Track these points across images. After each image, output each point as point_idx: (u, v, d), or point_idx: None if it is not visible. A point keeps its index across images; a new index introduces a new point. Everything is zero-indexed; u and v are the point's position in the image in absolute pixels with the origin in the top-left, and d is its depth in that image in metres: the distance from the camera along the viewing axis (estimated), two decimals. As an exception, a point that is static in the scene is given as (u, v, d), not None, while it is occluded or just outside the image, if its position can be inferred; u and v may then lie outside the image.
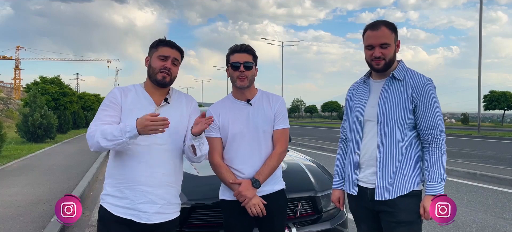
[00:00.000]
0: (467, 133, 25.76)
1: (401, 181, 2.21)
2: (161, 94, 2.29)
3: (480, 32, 24.58)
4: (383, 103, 2.23)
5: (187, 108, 2.34)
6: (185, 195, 2.86)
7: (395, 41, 2.24)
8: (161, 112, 2.20)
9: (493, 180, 8.17)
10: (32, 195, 6.51)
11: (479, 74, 24.48)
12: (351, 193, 2.38)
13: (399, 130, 2.21)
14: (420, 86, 2.19)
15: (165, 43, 2.27)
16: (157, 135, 2.12)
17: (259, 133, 2.46)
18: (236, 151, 2.45)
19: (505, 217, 5.52)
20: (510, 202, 6.46)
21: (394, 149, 2.21)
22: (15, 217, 5.24)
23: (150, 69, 2.26)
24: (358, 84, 2.47)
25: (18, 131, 17.83)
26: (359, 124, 2.33)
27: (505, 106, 46.93)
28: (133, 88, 2.29)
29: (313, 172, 3.37)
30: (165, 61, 2.23)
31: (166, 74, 2.22)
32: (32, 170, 9.27)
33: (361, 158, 2.32)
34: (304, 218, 3.06)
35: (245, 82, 2.43)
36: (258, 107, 2.49)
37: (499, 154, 13.30)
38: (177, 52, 2.28)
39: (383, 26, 2.21)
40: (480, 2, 24.81)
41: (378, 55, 2.21)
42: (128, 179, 2.16)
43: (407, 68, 2.29)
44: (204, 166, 3.35)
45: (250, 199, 2.37)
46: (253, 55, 2.47)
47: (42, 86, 23.82)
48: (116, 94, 2.24)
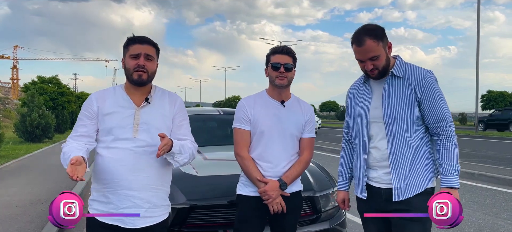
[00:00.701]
0: (465, 132, 25.81)
1: (416, 179, 2.18)
2: (142, 94, 2.20)
3: (478, 33, 24.65)
4: (387, 103, 2.20)
5: (170, 108, 2.26)
6: (184, 195, 2.87)
7: (385, 47, 2.17)
8: (142, 113, 2.15)
9: (491, 180, 8.19)
10: (30, 195, 6.50)
11: (477, 74, 24.55)
12: (361, 197, 2.34)
13: (407, 127, 2.18)
14: (421, 80, 2.15)
15: (135, 40, 2.17)
16: (138, 137, 2.12)
17: (287, 134, 2.51)
18: (263, 148, 2.50)
19: (503, 217, 5.53)
20: (508, 201, 6.48)
21: (405, 147, 2.18)
22: (14, 217, 5.23)
23: (125, 71, 2.18)
24: (358, 84, 2.42)
25: (16, 130, 17.81)
26: (365, 126, 2.29)
27: (502, 106, 47.05)
28: (113, 91, 2.23)
29: (312, 172, 3.37)
30: (137, 59, 2.13)
31: (142, 72, 2.12)
32: (30, 170, 9.25)
33: (370, 160, 2.28)
34: (303, 218, 3.06)
35: (284, 81, 2.49)
36: (291, 111, 2.55)
37: (497, 153, 13.34)
38: (150, 47, 2.17)
39: (367, 39, 2.12)
40: (478, 2, 24.87)
41: (370, 68, 2.18)
42: (112, 183, 2.11)
43: (405, 63, 2.24)
44: (203, 166, 3.36)
45: (274, 199, 2.42)
46: (293, 58, 2.53)
47: (40, 86, 23.81)
48: (92, 102, 2.18)
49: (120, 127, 2.12)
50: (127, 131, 2.12)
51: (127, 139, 2.11)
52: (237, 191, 2.58)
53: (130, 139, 2.11)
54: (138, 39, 2.17)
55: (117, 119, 2.12)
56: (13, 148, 14.13)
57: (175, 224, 2.82)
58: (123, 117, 2.14)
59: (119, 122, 2.13)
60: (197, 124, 4.85)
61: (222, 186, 2.97)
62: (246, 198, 2.51)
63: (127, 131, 2.12)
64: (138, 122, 2.14)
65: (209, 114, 5.08)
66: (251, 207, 2.49)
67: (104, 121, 2.14)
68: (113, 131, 2.12)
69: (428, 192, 2.20)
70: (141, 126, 2.14)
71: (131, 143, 2.11)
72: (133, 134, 2.12)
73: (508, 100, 46.51)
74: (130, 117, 2.14)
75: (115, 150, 2.11)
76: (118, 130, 2.12)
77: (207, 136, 4.63)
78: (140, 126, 2.14)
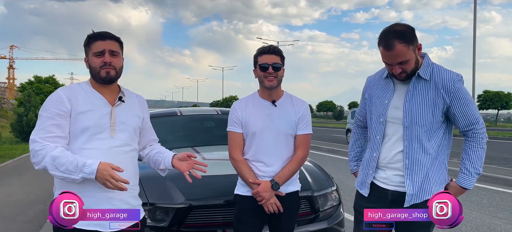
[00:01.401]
0: (461, 132, 25.90)
1: (428, 185, 2.14)
2: (112, 92, 2.11)
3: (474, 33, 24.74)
4: (409, 106, 2.10)
5: (140, 109, 2.22)
6: (182, 195, 2.87)
7: (415, 49, 2.05)
8: (116, 112, 2.07)
9: (487, 179, 8.23)
10: (28, 195, 6.49)
11: (474, 75, 24.65)
12: (362, 193, 2.29)
13: (426, 133, 2.11)
14: (450, 86, 2.06)
15: (96, 37, 2.05)
16: (116, 137, 2.03)
17: (280, 134, 2.49)
18: (256, 149, 2.49)
19: (499, 216, 5.57)
20: (505, 200, 6.52)
21: (422, 153, 2.12)
22: (12, 217, 5.23)
23: (91, 71, 2.07)
24: (379, 77, 2.29)
25: (12, 130, 17.79)
26: (381, 124, 2.19)
27: (498, 106, 47.26)
28: (80, 88, 2.09)
29: (310, 171, 3.39)
30: (102, 57, 2.02)
31: (109, 68, 2.03)
32: (27, 170, 9.23)
33: (381, 160, 2.22)
34: (301, 217, 3.07)
35: (274, 82, 2.46)
36: (282, 109, 2.52)
37: (493, 153, 13.39)
38: (113, 42, 2.06)
39: (397, 44, 1.99)
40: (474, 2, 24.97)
41: (398, 72, 2.07)
42: (88, 187, 1.96)
43: (433, 64, 2.14)
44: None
45: (268, 200, 2.41)
46: (281, 57, 2.51)
47: (36, 85, 23.77)
48: (62, 98, 2.00)
49: (97, 126, 2.01)
50: (103, 131, 2.03)
51: (103, 139, 2.02)
52: (235, 191, 2.59)
53: (107, 139, 2.02)
54: (99, 35, 2.06)
55: (93, 118, 1.99)
56: (10, 148, 14.10)
57: (174, 224, 2.82)
58: (99, 115, 2.03)
59: (96, 121, 2.01)
60: (196, 124, 4.86)
61: (220, 186, 2.98)
62: (243, 198, 2.52)
63: (103, 131, 2.03)
64: (115, 121, 2.06)
65: (207, 114, 5.09)
66: (248, 207, 2.49)
67: (77, 119, 2.00)
68: (88, 130, 1.99)
69: None
70: (118, 125, 2.06)
71: (108, 142, 2.02)
72: (111, 134, 2.04)
73: (504, 100, 46.73)
74: (107, 116, 2.05)
75: (91, 151, 1.99)
76: (94, 129, 2.00)
77: (206, 136, 4.64)
78: (117, 125, 2.06)
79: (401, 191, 2.16)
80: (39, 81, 24.52)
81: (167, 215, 2.85)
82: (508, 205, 6.25)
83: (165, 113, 4.98)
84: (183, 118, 4.76)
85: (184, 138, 4.50)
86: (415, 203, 2.13)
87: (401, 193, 2.16)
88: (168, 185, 3.00)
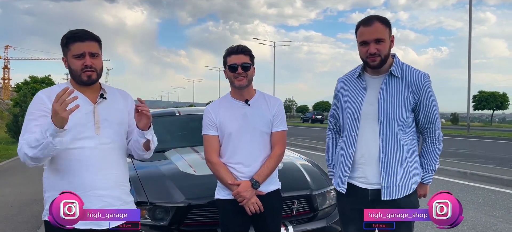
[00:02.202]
0: (457, 132, 26.02)
1: (407, 180, 2.21)
2: (93, 91, 2.09)
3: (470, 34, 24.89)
4: (383, 102, 2.19)
5: (124, 103, 2.19)
6: (182, 194, 2.89)
7: (389, 37, 2.19)
8: (99, 109, 2.06)
9: (483, 179, 8.30)
10: (25, 195, 6.48)
11: (469, 75, 24.78)
12: (340, 191, 2.34)
13: (400, 128, 2.20)
14: (420, 84, 2.18)
15: (74, 38, 2.00)
16: (102, 134, 2.02)
17: (256, 133, 2.48)
18: (232, 150, 2.47)
19: (495, 215, 5.62)
20: (500, 199, 6.58)
21: (397, 147, 2.20)
22: (9, 217, 5.22)
23: (71, 72, 2.04)
24: (350, 76, 2.38)
25: (8, 131, 17.70)
26: (355, 121, 2.27)
27: (493, 107, 47.50)
28: (59, 89, 1.98)
29: (308, 170, 3.41)
30: (82, 59, 1.99)
31: (90, 72, 2.00)
32: (24, 170, 9.20)
33: (358, 156, 2.27)
34: (300, 216, 3.11)
35: (243, 82, 2.45)
36: (256, 108, 2.51)
37: (488, 153, 13.48)
38: (92, 42, 2.02)
39: (376, 22, 2.15)
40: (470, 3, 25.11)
41: (373, 52, 2.15)
42: (78, 186, 1.96)
43: (403, 63, 2.25)
44: (200, 165, 3.38)
45: (249, 200, 2.39)
46: (250, 56, 2.49)
47: (32, 86, 23.66)
48: (43, 100, 2.00)
49: (80, 125, 2.00)
50: (88, 129, 2.02)
51: (89, 137, 2.01)
52: (215, 195, 2.55)
53: (93, 137, 2.01)
54: (78, 37, 2.00)
55: (75, 117, 1.92)
56: (6, 148, 14.04)
57: (174, 223, 2.84)
58: (81, 114, 1.98)
59: (79, 120, 1.98)
60: (194, 124, 4.87)
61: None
62: (224, 202, 2.49)
63: (88, 129, 2.02)
64: (99, 118, 2.05)
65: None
66: (230, 209, 2.47)
67: None
68: (71, 130, 1.95)
69: (414, 192, 2.26)
70: (102, 122, 2.05)
71: (94, 141, 2.02)
72: (96, 131, 2.03)
73: (499, 101, 46.97)
74: (89, 114, 2.04)
75: (77, 150, 1.99)
76: (78, 128, 1.99)
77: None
78: (101, 122, 2.05)
79: (379, 188, 2.22)
80: (35, 82, 24.42)
81: (167, 214, 2.87)
82: (503, 204, 6.31)
83: (163, 113, 5.00)
84: (181, 117, 4.78)
85: (182, 137, 4.51)
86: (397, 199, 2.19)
87: (380, 190, 2.22)
88: (168, 184, 3.02)
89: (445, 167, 9.31)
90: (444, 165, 9.77)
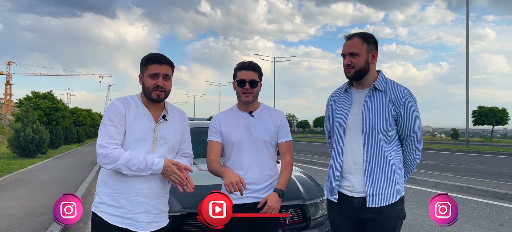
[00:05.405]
0: (456, 147, 26.08)
1: (392, 188, 2.31)
2: (157, 109, 2.35)
3: (467, 50, 25.12)
4: (367, 114, 2.30)
5: (180, 125, 2.44)
6: (179, 203, 2.99)
7: (368, 51, 2.31)
8: (159, 129, 2.31)
9: (478, 192, 8.37)
10: (26, 208, 6.56)
11: (467, 90, 24.94)
12: (331, 200, 2.44)
13: (384, 139, 2.30)
14: (400, 98, 2.29)
15: (153, 60, 2.28)
16: (156, 151, 2.28)
17: (258, 142, 2.59)
18: (235, 158, 2.60)
19: (488, 227, 5.70)
20: (494, 212, 6.66)
21: (381, 157, 2.30)
22: (10, 229, 5.31)
23: (144, 88, 2.31)
24: (339, 92, 2.52)
25: (9, 145, 17.75)
26: (342, 132, 2.39)
27: (493, 122, 47.55)
28: (132, 102, 2.33)
29: (301, 181, 3.52)
30: (156, 79, 2.26)
31: (160, 92, 2.27)
32: (25, 184, 9.29)
33: (345, 165, 2.37)
34: (293, 225, 3.20)
35: (249, 98, 2.59)
36: (260, 119, 2.64)
37: (486, 167, 13.55)
38: (167, 66, 2.30)
39: (356, 37, 2.31)
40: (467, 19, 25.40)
41: (347, 64, 2.31)
42: (125, 190, 2.23)
43: (387, 79, 2.38)
44: (197, 176, 3.49)
45: (277, 209, 2.47)
46: (258, 73, 2.62)
47: (34, 101, 23.80)
48: (120, 108, 2.27)
49: (142, 140, 2.26)
50: (146, 144, 2.26)
51: (146, 152, 2.25)
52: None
53: (149, 152, 2.25)
54: (157, 59, 2.28)
55: (139, 131, 2.25)
56: (7, 163, 14.11)
57: (171, 231, 2.94)
58: (144, 129, 2.27)
59: (141, 134, 2.26)
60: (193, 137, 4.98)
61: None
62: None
63: (146, 144, 2.26)
64: (157, 137, 2.29)
65: (203, 128, 5.23)
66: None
67: (128, 128, 2.25)
68: (135, 142, 2.24)
69: (401, 200, 2.36)
70: (159, 140, 2.30)
71: (149, 155, 2.24)
72: (152, 148, 2.27)
73: (499, 116, 47.04)
74: (150, 131, 2.28)
75: None
76: (140, 142, 2.25)
77: (202, 148, 4.75)
78: (158, 140, 2.29)
79: (365, 196, 2.33)
80: (37, 97, 24.55)
81: (165, 223, 2.96)
82: (497, 216, 6.39)
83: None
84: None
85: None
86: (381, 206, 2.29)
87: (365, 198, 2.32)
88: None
89: (442, 181, 9.40)
90: (442, 179, 9.86)
